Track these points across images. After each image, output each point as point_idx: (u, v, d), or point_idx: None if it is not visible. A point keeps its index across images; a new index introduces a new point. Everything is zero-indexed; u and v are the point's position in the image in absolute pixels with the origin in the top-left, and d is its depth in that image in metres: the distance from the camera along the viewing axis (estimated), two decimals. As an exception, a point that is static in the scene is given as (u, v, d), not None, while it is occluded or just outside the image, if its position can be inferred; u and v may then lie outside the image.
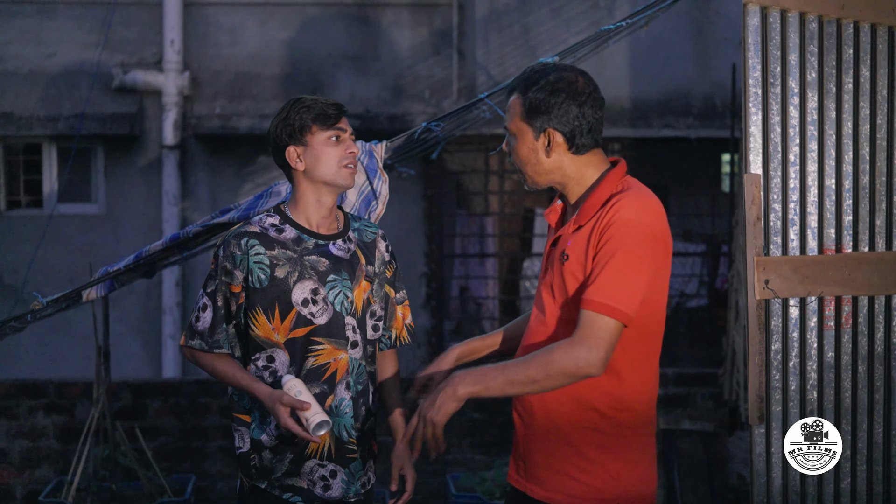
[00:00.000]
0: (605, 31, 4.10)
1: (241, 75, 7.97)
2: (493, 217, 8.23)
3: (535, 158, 2.77)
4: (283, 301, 2.99)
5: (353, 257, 3.09)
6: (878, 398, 3.08)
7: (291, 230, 3.06)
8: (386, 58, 8.07)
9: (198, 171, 8.04)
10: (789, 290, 2.99)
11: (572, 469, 2.71)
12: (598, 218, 2.67)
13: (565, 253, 2.72)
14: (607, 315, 2.58)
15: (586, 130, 2.74)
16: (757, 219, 2.99)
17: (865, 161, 3.06)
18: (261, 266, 2.99)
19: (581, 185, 2.79)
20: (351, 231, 3.15)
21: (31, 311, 3.93)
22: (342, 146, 3.05)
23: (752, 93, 2.99)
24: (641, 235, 2.61)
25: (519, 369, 2.63)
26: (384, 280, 3.18)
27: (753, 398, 3.00)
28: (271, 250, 3.01)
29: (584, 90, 2.74)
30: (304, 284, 3.00)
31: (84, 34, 7.84)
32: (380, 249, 3.19)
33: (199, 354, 3.09)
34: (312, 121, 3.03)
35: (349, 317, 3.04)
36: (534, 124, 2.75)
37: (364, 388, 3.10)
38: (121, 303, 7.69)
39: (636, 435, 2.75)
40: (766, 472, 3.02)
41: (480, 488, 5.51)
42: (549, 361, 2.59)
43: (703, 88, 7.79)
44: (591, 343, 2.57)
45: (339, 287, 3.03)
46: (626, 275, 2.59)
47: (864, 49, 3.06)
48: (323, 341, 3.01)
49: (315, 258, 3.03)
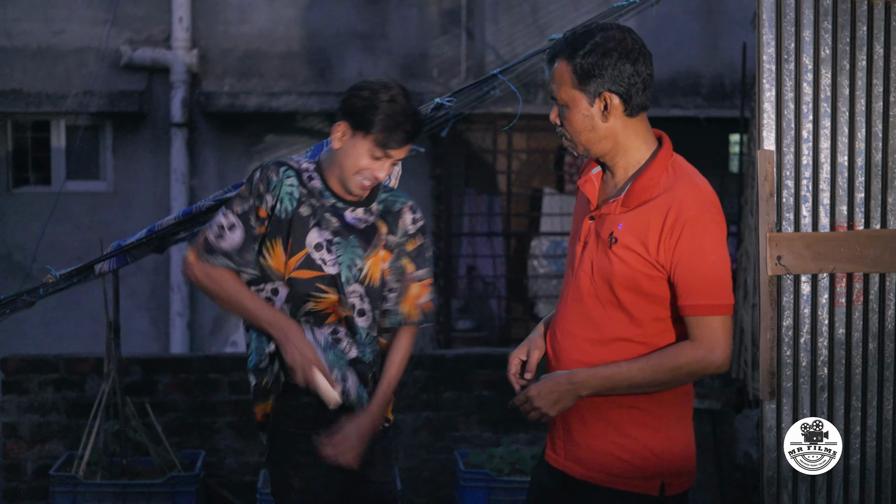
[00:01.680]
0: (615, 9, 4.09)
1: (250, 53, 7.97)
2: (501, 196, 8.23)
3: (590, 125, 2.66)
4: (297, 238, 2.99)
5: (368, 228, 3.07)
6: (888, 375, 3.08)
7: (319, 182, 3.06)
8: (394, 37, 8.06)
9: (206, 149, 8.05)
10: (801, 267, 3.00)
11: (614, 448, 2.69)
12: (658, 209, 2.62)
13: (614, 235, 2.66)
14: (718, 314, 2.62)
15: (641, 89, 2.64)
16: (770, 195, 3.00)
17: (878, 138, 3.06)
18: (290, 197, 3.00)
19: (628, 158, 2.70)
20: (375, 203, 3.11)
21: (44, 284, 3.95)
22: (376, 165, 2.98)
23: (766, 69, 2.99)
24: (714, 223, 2.63)
25: (645, 375, 2.64)
26: (402, 253, 3.13)
27: (765, 374, 3.01)
28: (302, 187, 3.03)
29: (634, 46, 2.63)
30: (321, 231, 3.01)
31: (93, 11, 7.83)
32: (404, 219, 3.12)
33: (218, 274, 2.99)
34: (378, 131, 2.94)
35: (356, 284, 3.03)
36: (587, 89, 2.63)
37: (376, 357, 3.10)
38: (129, 280, 7.71)
39: (676, 410, 2.74)
40: (776, 447, 3.04)
41: (489, 465, 5.53)
42: (678, 367, 2.63)
43: (712, 68, 7.78)
44: (715, 345, 2.62)
45: (342, 251, 3.02)
46: (718, 268, 2.62)
47: (879, 26, 3.05)
48: (328, 290, 3.00)
49: (329, 215, 3.03)
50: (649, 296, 2.66)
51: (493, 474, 5.42)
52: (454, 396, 6.11)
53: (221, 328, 8.08)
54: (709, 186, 2.69)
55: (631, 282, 2.65)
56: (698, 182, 2.68)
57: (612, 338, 2.69)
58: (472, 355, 6.20)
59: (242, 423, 6.05)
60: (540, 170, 8.31)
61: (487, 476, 5.41)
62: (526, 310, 8.25)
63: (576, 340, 2.73)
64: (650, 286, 2.65)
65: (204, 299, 8.06)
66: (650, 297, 2.66)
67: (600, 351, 2.69)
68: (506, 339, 8.11)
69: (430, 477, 6.04)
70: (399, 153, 3.00)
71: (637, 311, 2.67)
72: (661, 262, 2.62)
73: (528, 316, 8.20)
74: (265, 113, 7.85)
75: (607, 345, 2.69)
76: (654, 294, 2.65)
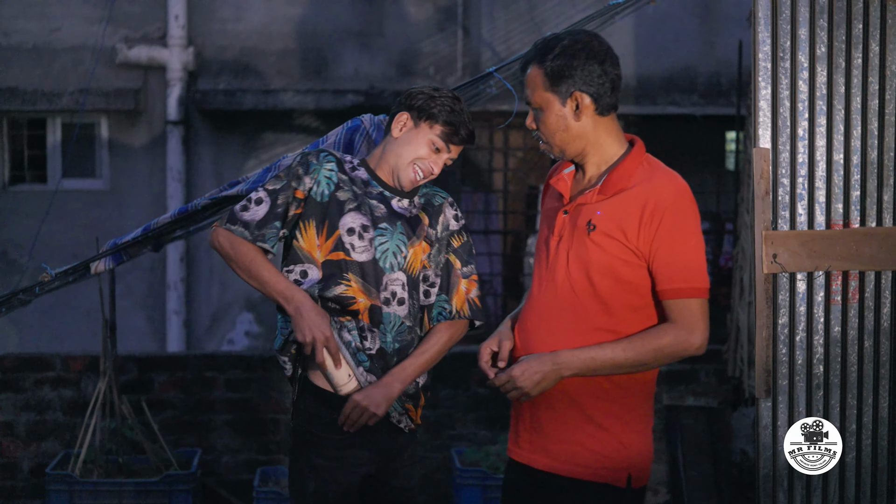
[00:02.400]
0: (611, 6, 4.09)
1: (246, 51, 7.96)
2: (497, 194, 8.23)
3: (564, 125, 2.78)
4: (332, 221, 3.02)
5: (414, 218, 3.11)
6: (883, 373, 3.09)
7: (364, 173, 3.12)
8: (391, 34, 8.05)
9: (202, 147, 8.04)
10: (797, 265, 3.01)
11: (585, 438, 2.75)
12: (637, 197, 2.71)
13: (592, 223, 2.74)
14: (697, 297, 2.71)
15: (610, 89, 2.77)
16: (765, 193, 3.00)
17: (874, 136, 3.06)
18: (329, 181, 3.05)
19: (601, 155, 2.81)
20: (417, 196, 3.17)
21: (40, 283, 3.94)
22: (433, 157, 3.08)
23: (762, 67, 3.00)
24: (691, 211, 2.74)
25: (628, 355, 2.71)
26: (445, 247, 3.17)
27: (760, 372, 3.01)
28: (343, 175, 3.07)
29: (600, 48, 2.77)
30: (356, 216, 3.04)
31: (88, 9, 7.82)
32: (445, 215, 3.17)
33: (238, 242, 3.02)
34: (442, 122, 3.06)
35: (399, 272, 3.05)
36: (559, 91, 2.76)
37: (403, 347, 3.08)
38: (125, 278, 7.70)
39: (643, 404, 2.82)
40: (772, 445, 3.04)
41: (485, 463, 5.54)
42: (659, 349, 2.71)
43: (708, 66, 7.78)
44: (694, 327, 2.71)
45: (388, 237, 3.05)
46: (697, 252, 2.72)
47: (874, 24, 3.06)
48: (352, 279, 3.01)
49: (376, 203, 3.08)
50: (625, 283, 2.73)
51: (489, 472, 5.43)
52: (451, 394, 6.11)
53: (218, 326, 8.08)
54: (682, 179, 2.80)
55: (608, 268, 2.72)
56: (673, 174, 2.80)
57: (587, 328, 2.75)
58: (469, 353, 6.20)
59: (239, 422, 6.05)
60: (536, 167, 8.31)
61: (484, 474, 5.42)
62: (522, 307, 8.24)
63: (548, 330, 2.79)
64: (627, 272, 2.72)
65: (201, 297, 8.06)
66: (626, 284, 2.73)
67: (572, 340, 2.74)
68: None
69: (427, 474, 6.04)
70: (456, 151, 3.11)
71: (612, 300, 2.73)
72: (640, 249, 2.71)
73: (524, 313, 8.20)
74: (261, 111, 7.83)
75: (581, 334, 2.75)
76: (630, 281, 2.73)
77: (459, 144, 3.10)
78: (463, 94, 4.25)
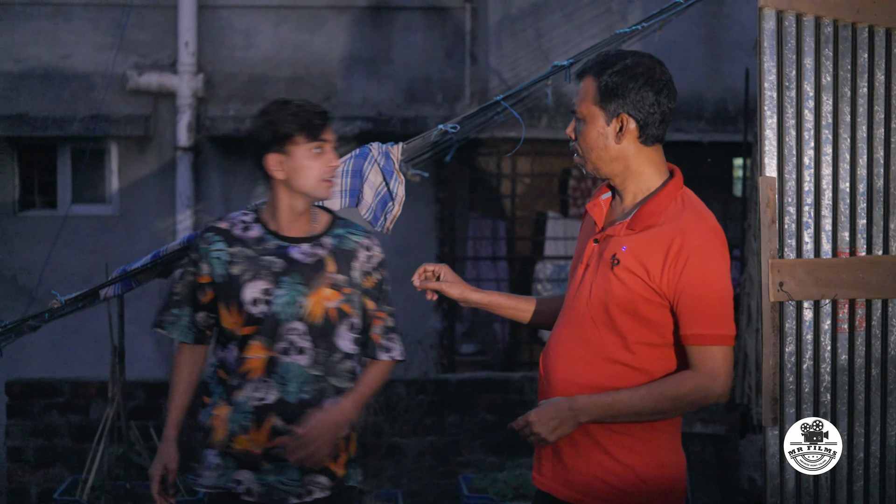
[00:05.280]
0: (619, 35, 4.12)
1: (255, 78, 8.01)
2: (505, 220, 8.24)
3: (603, 144, 2.70)
4: (237, 297, 3.03)
5: (317, 263, 3.07)
6: (891, 401, 3.08)
7: (258, 229, 3.10)
8: (399, 61, 8.10)
9: (211, 173, 8.08)
10: (803, 293, 3.01)
11: (600, 470, 2.71)
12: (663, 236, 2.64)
13: (616, 257, 2.68)
14: (720, 344, 2.63)
15: (659, 120, 2.69)
16: (772, 221, 3.01)
17: (880, 165, 3.07)
18: (220, 262, 3.06)
19: (638, 184, 2.74)
20: (328, 237, 3.12)
21: (50, 309, 3.96)
22: (324, 159, 3.02)
23: (768, 96, 3.01)
24: (719, 255, 2.65)
25: (646, 403, 2.64)
26: (362, 291, 3.14)
27: (767, 400, 3.01)
28: (231, 247, 3.06)
29: (661, 78, 2.69)
30: (255, 284, 3.03)
31: (99, 36, 7.89)
32: (359, 259, 3.12)
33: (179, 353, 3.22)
34: (297, 130, 2.98)
35: (296, 322, 3.03)
36: (607, 108, 2.69)
37: (313, 399, 3.04)
38: (134, 304, 7.71)
39: (666, 436, 2.74)
40: (779, 473, 3.03)
41: (492, 489, 5.53)
42: (678, 397, 2.64)
43: (715, 93, 7.80)
44: (716, 375, 2.63)
45: (287, 289, 3.04)
46: (722, 298, 2.64)
47: (879, 53, 3.07)
48: (260, 339, 3.05)
49: (271, 258, 3.05)
50: (644, 320, 2.67)
51: (496, 499, 5.41)
52: (458, 420, 6.11)
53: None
54: (715, 219, 2.72)
55: (628, 304, 2.66)
56: (704, 214, 2.71)
57: (603, 359, 2.70)
58: (476, 379, 6.21)
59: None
60: (544, 194, 8.32)
61: (491, 501, 5.41)
62: (530, 333, 8.24)
63: (567, 359, 2.75)
64: (647, 310, 2.66)
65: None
66: (645, 321, 2.67)
67: (590, 371, 2.71)
68: (510, 362, 8.11)
69: (434, 501, 6.03)
70: (328, 133, 3.02)
71: (630, 335, 2.68)
72: (662, 289, 2.64)
73: (531, 339, 8.20)
74: (270, 137, 7.88)
75: (598, 366, 2.70)
76: (650, 319, 2.67)
77: (325, 129, 3.02)
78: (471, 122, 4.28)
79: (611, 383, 2.69)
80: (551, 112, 7.63)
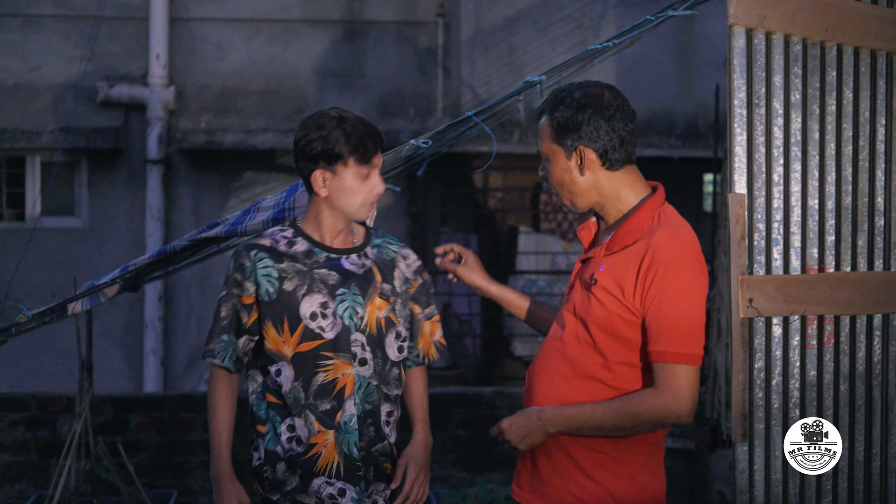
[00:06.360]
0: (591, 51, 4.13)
1: (227, 91, 7.98)
2: (477, 234, 8.25)
3: (569, 179, 2.74)
4: (291, 314, 2.96)
5: (367, 273, 3.05)
6: (859, 416, 3.10)
7: (303, 243, 3.03)
8: (371, 75, 8.10)
9: (182, 185, 8.04)
10: (773, 309, 3.02)
11: (575, 488, 2.72)
12: (636, 253, 2.65)
13: (594, 277, 2.70)
14: (685, 363, 2.62)
15: (618, 144, 2.72)
16: (741, 238, 3.02)
17: (848, 182, 3.09)
18: (269, 279, 2.97)
19: (617, 207, 2.76)
20: (369, 247, 3.10)
21: (16, 324, 3.92)
22: (370, 184, 2.97)
23: (737, 113, 3.02)
24: (691, 272, 2.65)
25: (608, 418, 2.65)
26: (408, 298, 3.12)
27: (737, 416, 3.01)
28: (280, 263, 2.99)
29: (611, 103, 2.72)
30: (312, 298, 2.98)
31: (70, 48, 7.84)
32: (400, 269, 3.12)
33: (212, 374, 3.05)
34: (350, 152, 2.92)
35: (357, 333, 3.00)
36: (564, 144, 2.73)
37: (373, 409, 3.04)
38: (103, 317, 7.66)
39: (642, 457, 2.75)
40: (748, 489, 3.04)
41: (463, 505, 5.52)
42: (637, 414, 2.63)
43: (686, 109, 7.85)
44: (677, 394, 2.61)
45: (348, 301, 3.00)
46: (689, 316, 2.63)
47: (847, 72, 3.09)
48: (332, 356, 2.98)
49: (325, 271, 3.01)
50: (623, 339, 2.68)
51: (467, 514, 5.40)
52: (429, 435, 6.09)
53: (196, 366, 8.03)
54: (691, 236, 2.73)
55: (607, 324, 2.68)
56: (678, 230, 2.72)
57: (582, 376, 2.72)
58: (448, 394, 6.19)
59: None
60: (516, 208, 8.34)
61: (462, 516, 5.39)
62: (502, 348, 8.25)
63: (549, 374, 2.77)
64: (624, 330, 2.68)
65: (178, 336, 8.02)
66: (624, 340, 2.69)
67: (569, 387, 2.73)
68: (482, 377, 8.10)
69: (405, 517, 6.01)
70: (378, 158, 2.99)
71: (610, 354, 2.70)
72: (635, 307, 2.66)
73: (504, 354, 8.20)
74: (242, 150, 7.85)
75: (576, 383, 2.72)
76: (628, 338, 2.68)
77: (376, 153, 2.98)
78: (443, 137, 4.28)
79: (587, 399, 2.70)
80: (523, 127, 7.65)
